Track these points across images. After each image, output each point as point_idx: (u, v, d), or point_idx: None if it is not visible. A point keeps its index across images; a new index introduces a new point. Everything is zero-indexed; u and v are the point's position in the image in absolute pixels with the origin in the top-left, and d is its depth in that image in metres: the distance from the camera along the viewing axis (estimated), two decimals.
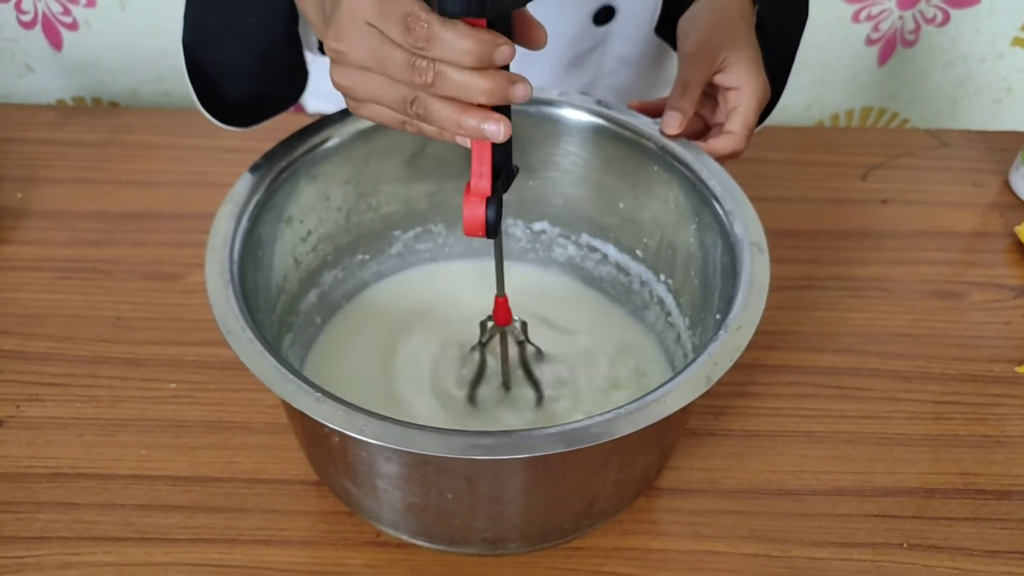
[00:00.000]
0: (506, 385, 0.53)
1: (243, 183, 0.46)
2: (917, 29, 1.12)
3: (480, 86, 0.34)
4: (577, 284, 0.61)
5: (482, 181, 0.37)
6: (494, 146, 0.38)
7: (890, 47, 1.14)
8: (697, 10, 0.54)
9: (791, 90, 1.27)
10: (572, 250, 0.60)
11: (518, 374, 0.53)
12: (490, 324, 0.50)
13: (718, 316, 0.42)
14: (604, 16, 0.67)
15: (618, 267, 0.58)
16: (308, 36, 0.52)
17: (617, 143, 0.53)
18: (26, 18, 1.05)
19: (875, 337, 0.62)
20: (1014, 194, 0.74)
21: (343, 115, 0.51)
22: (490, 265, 0.45)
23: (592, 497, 0.42)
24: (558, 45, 0.69)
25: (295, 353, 0.53)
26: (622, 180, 0.54)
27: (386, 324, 0.58)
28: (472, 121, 0.35)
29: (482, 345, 0.51)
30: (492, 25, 0.34)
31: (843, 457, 0.55)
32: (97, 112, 0.83)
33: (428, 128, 0.37)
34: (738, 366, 0.60)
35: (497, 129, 0.35)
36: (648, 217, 0.54)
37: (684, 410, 0.42)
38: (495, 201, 0.37)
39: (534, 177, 0.57)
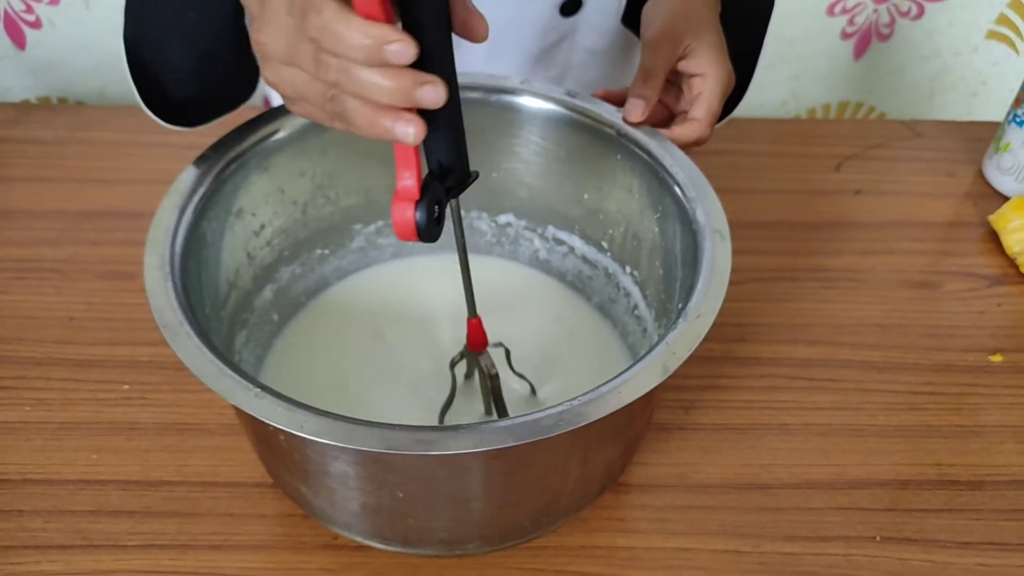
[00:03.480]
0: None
1: (188, 174, 0.44)
2: (892, 23, 1.12)
3: (382, 85, 0.32)
4: (544, 278, 0.59)
5: (407, 182, 0.35)
6: (435, 146, 0.36)
7: (865, 41, 1.13)
8: None
9: (767, 85, 1.26)
10: (538, 243, 0.59)
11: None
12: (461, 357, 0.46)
13: (680, 306, 0.41)
14: (571, 7, 0.66)
15: (584, 260, 0.57)
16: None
17: (580, 132, 0.51)
18: None
19: (848, 328, 0.61)
20: (988, 183, 0.73)
21: None
22: (454, 261, 0.43)
23: (553, 494, 0.41)
24: (525, 37, 0.67)
25: (250, 351, 0.51)
26: (586, 170, 0.53)
27: (350, 323, 0.56)
28: (385, 122, 0.33)
29: (452, 366, 0.48)
30: (421, 16, 0.32)
31: (815, 450, 0.53)
32: (57, 110, 0.81)
33: (354, 128, 0.35)
34: (709, 359, 0.60)
35: (407, 132, 0.33)
36: (613, 208, 0.53)
37: (647, 402, 0.40)
38: (426, 202, 0.35)
39: (497, 169, 0.56)
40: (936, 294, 0.64)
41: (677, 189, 0.46)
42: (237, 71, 0.50)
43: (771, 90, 1.16)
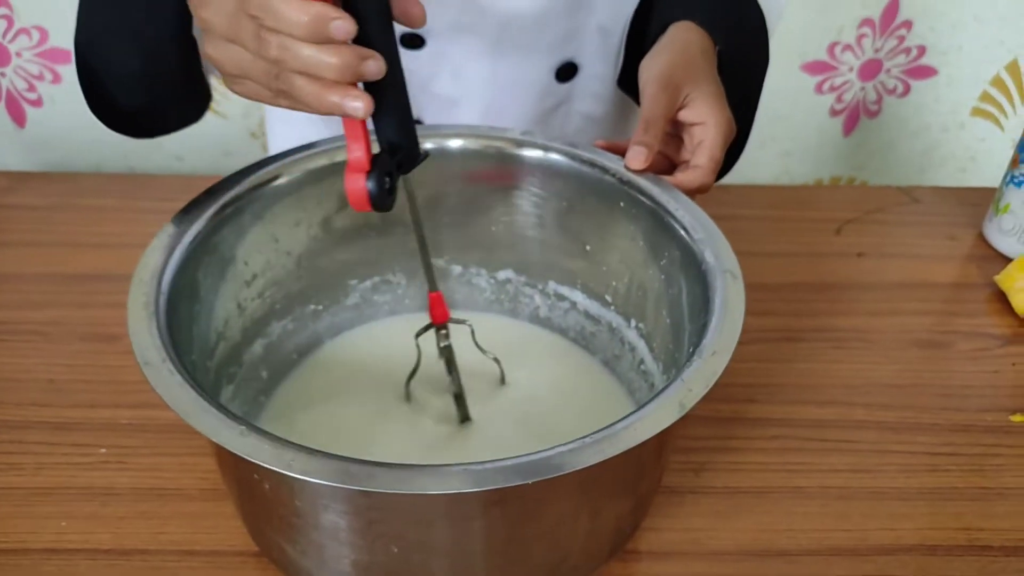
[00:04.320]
0: (457, 397, 0.50)
1: (180, 216, 0.43)
2: (879, 100, 1.14)
3: (327, 62, 0.33)
4: (546, 333, 0.57)
5: (356, 154, 0.36)
6: (383, 125, 0.38)
7: (854, 118, 1.16)
8: (658, 50, 0.53)
9: (760, 162, 1.28)
10: (539, 300, 0.57)
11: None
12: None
13: (691, 349, 0.39)
14: (567, 73, 0.67)
15: (587, 315, 0.55)
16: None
17: (581, 181, 0.51)
18: None
19: (860, 388, 0.59)
20: (990, 245, 0.73)
21: (294, 152, 0.49)
22: (455, 317, 0.44)
23: (561, 552, 0.38)
24: (522, 103, 0.68)
25: (237, 409, 0.49)
26: (588, 220, 0.52)
27: (344, 383, 0.54)
28: (333, 97, 0.34)
29: (416, 336, 0.50)
30: (365, 8, 0.34)
31: (834, 514, 0.50)
32: (51, 177, 0.80)
33: (299, 104, 0.36)
34: (717, 419, 0.57)
35: (356, 107, 0.34)
36: (616, 258, 0.51)
37: (660, 450, 0.38)
38: (377, 173, 0.37)
39: (496, 222, 0.55)
40: (947, 354, 0.62)
41: (683, 232, 0.44)
42: (185, 83, 0.49)
43: (763, 167, 1.17)
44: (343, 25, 0.33)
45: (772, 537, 0.49)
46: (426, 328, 0.49)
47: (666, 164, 0.53)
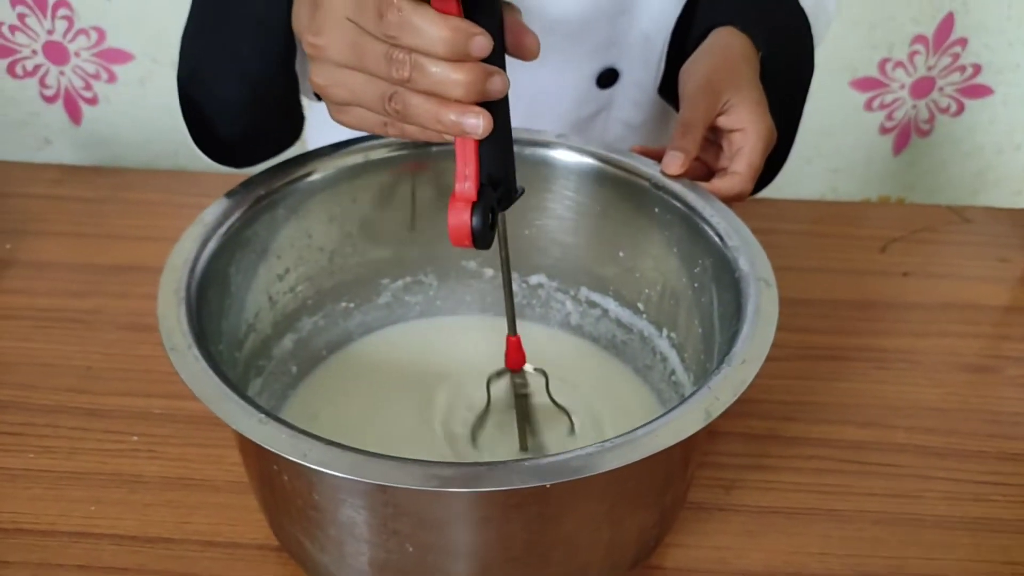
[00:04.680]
0: (523, 446, 0.48)
1: (216, 207, 0.44)
2: (932, 119, 1.11)
3: (456, 78, 0.33)
4: (577, 340, 0.56)
5: (467, 184, 0.35)
6: (485, 156, 0.36)
7: (905, 136, 1.13)
8: (699, 55, 0.52)
9: (805, 178, 1.25)
10: (570, 306, 0.56)
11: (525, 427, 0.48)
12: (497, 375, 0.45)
13: (720, 359, 0.38)
14: (608, 79, 0.66)
15: (619, 323, 0.54)
16: (305, 81, 0.51)
17: (616, 186, 0.50)
18: (49, 92, 1.08)
19: (903, 411, 0.57)
20: None
21: (330, 149, 0.49)
22: (487, 322, 0.43)
23: (580, 560, 0.37)
24: (562, 108, 0.67)
25: (264, 402, 0.49)
26: (622, 225, 0.51)
27: (372, 381, 0.54)
28: (451, 116, 0.34)
29: (488, 382, 0.47)
30: (481, 23, 0.33)
31: (871, 539, 0.48)
32: (101, 171, 0.82)
33: (410, 128, 0.36)
34: (751, 436, 0.55)
35: (477, 123, 0.34)
36: (650, 265, 0.50)
37: (686, 461, 0.37)
38: (482, 207, 0.35)
39: (530, 226, 0.54)
40: (996, 379, 0.60)
41: (718, 239, 0.43)
42: (284, 112, 0.50)
43: (809, 184, 1.15)
44: (483, 41, 0.32)
45: (804, 560, 0.47)
46: (499, 373, 0.47)
47: (704, 171, 0.52)
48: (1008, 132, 1.11)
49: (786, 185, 0.73)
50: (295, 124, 0.52)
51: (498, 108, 0.35)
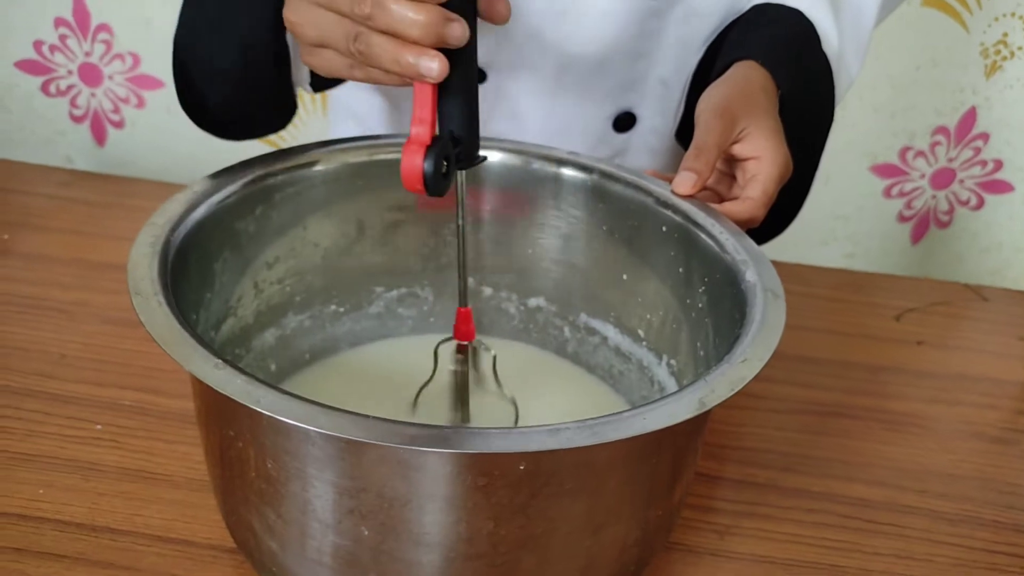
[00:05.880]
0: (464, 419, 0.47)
1: (210, 179, 0.42)
2: (951, 210, 1.11)
3: (413, 18, 0.34)
4: (572, 367, 0.54)
5: (422, 128, 0.36)
6: (448, 111, 0.37)
7: (923, 226, 1.12)
8: (719, 83, 0.52)
9: (822, 262, 1.24)
10: (568, 332, 0.54)
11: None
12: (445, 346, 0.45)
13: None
14: (625, 123, 0.66)
15: (617, 352, 0.52)
16: (299, 70, 0.50)
17: (623, 204, 0.49)
18: (78, 112, 1.10)
19: (912, 473, 0.53)
20: None
21: (336, 142, 0.48)
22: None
23: (551, 568, 0.33)
24: (578, 147, 0.67)
25: None
26: (626, 246, 0.49)
27: (355, 395, 0.51)
28: (409, 57, 0.35)
29: (436, 348, 0.47)
30: None
31: None
32: (110, 179, 0.82)
33: (374, 72, 0.37)
34: (749, 484, 0.52)
35: (431, 66, 0.34)
36: (652, 289, 0.48)
37: (673, 478, 0.34)
38: (436, 152, 0.35)
39: (533, 245, 0.53)
40: (1013, 451, 0.56)
41: (725, 253, 0.41)
42: (275, 86, 0.49)
43: (824, 266, 1.13)
44: None
45: None
46: (447, 340, 0.47)
47: (716, 201, 0.50)
48: None
49: (799, 262, 0.72)
50: (285, 106, 0.51)
51: (461, 62, 0.36)
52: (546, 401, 0.51)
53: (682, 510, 0.41)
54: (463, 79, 0.36)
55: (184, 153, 1.09)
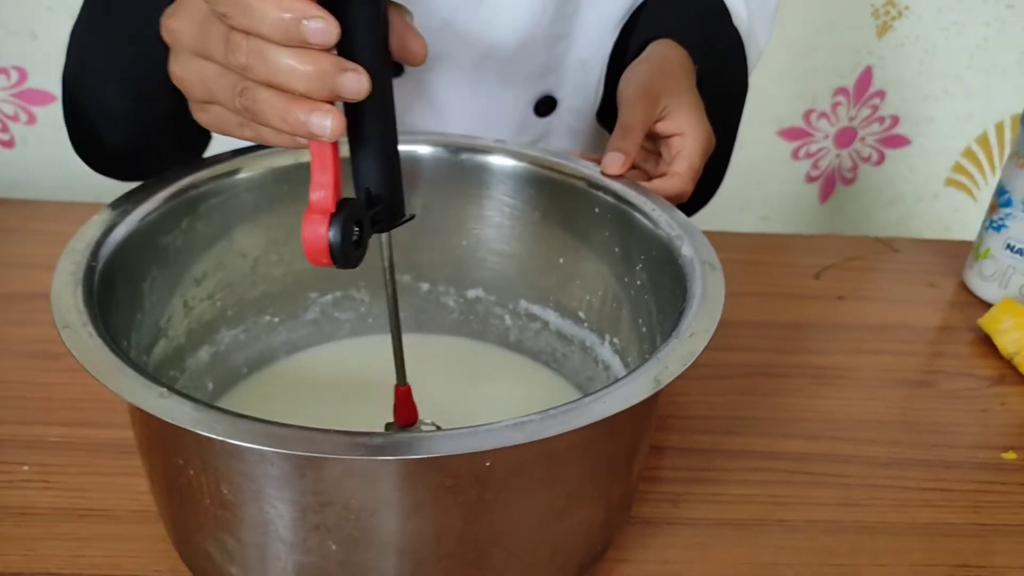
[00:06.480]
0: None
1: (128, 195, 0.40)
2: (855, 167, 1.16)
3: (299, 69, 0.28)
4: (515, 356, 0.54)
5: (323, 192, 0.30)
6: (362, 169, 0.32)
7: (830, 184, 1.17)
8: (638, 63, 0.52)
9: (738, 227, 1.28)
10: (509, 321, 0.54)
11: None
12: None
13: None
14: (545, 107, 0.66)
15: (559, 335, 0.52)
16: None
17: (554, 189, 0.49)
18: None
19: (845, 423, 0.56)
20: (971, 293, 0.71)
21: (259, 148, 0.47)
22: (421, 341, 0.39)
23: (524, 564, 0.33)
24: (499, 134, 0.67)
25: None
26: (561, 230, 0.49)
27: (296, 404, 0.50)
28: (299, 114, 0.29)
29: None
30: (358, 28, 0.29)
31: (822, 548, 0.46)
32: (12, 204, 0.77)
33: (264, 131, 0.32)
34: (696, 451, 0.54)
35: (324, 124, 0.29)
36: (590, 269, 0.49)
37: (631, 455, 0.34)
38: (343, 219, 0.30)
39: (467, 236, 0.52)
40: (934, 392, 0.60)
41: (659, 230, 0.42)
42: (176, 132, 0.45)
43: (741, 230, 1.17)
44: (321, 25, 0.28)
45: (755, 571, 0.45)
46: (388, 427, 0.41)
47: (643, 179, 0.51)
48: (926, 181, 1.16)
49: (718, 229, 0.74)
50: (193, 144, 0.48)
51: (373, 114, 0.31)
52: (493, 392, 0.51)
53: (639, 484, 0.42)
54: (378, 128, 0.31)
55: (81, 169, 1.03)
